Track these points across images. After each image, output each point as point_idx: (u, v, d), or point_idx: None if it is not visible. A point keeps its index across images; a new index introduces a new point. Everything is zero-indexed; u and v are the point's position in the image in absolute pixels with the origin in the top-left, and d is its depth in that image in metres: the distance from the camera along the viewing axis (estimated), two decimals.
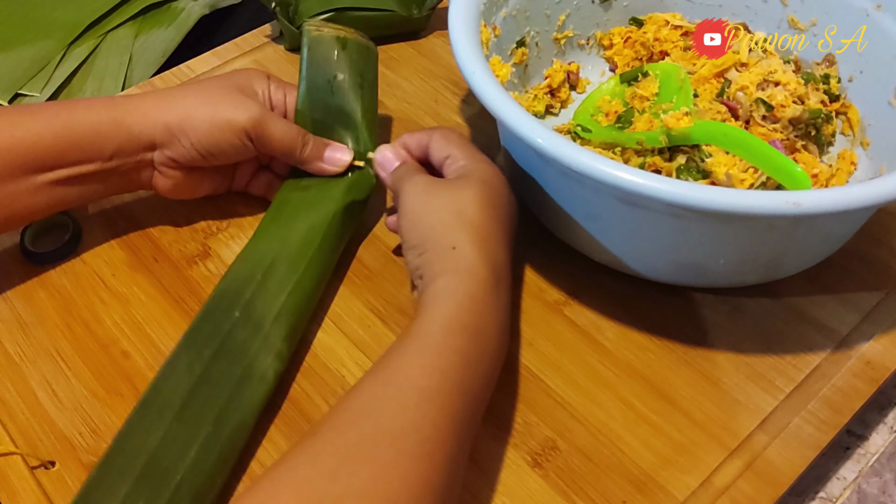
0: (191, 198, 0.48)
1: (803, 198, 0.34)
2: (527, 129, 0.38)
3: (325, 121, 0.48)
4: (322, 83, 0.48)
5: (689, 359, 0.42)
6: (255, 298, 0.41)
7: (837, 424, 0.39)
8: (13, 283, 0.46)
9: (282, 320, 0.40)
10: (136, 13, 0.66)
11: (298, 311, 0.42)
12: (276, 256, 0.43)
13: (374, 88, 0.50)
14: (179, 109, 0.43)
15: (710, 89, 0.49)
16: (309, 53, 0.48)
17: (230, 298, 0.41)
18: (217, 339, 0.39)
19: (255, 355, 0.39)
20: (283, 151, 0.45)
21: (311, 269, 0.43)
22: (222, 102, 0.44)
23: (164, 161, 0.44)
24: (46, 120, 0.42)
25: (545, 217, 0.46)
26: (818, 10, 0.51)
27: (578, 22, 0.55)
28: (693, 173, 0.45)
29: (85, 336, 0.44)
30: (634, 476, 0.38)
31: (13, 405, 0.41)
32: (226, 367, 0.38)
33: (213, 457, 0.36)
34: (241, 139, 0.44)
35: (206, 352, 0.39)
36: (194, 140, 0.43)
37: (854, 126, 0.50)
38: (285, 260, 0.43)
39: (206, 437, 0.36)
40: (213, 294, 0.42)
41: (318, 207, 0.45)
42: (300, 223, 0.44)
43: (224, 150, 0.44)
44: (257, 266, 0.42)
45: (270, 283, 0.41)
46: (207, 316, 0.40)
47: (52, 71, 0.60)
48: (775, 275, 0.44)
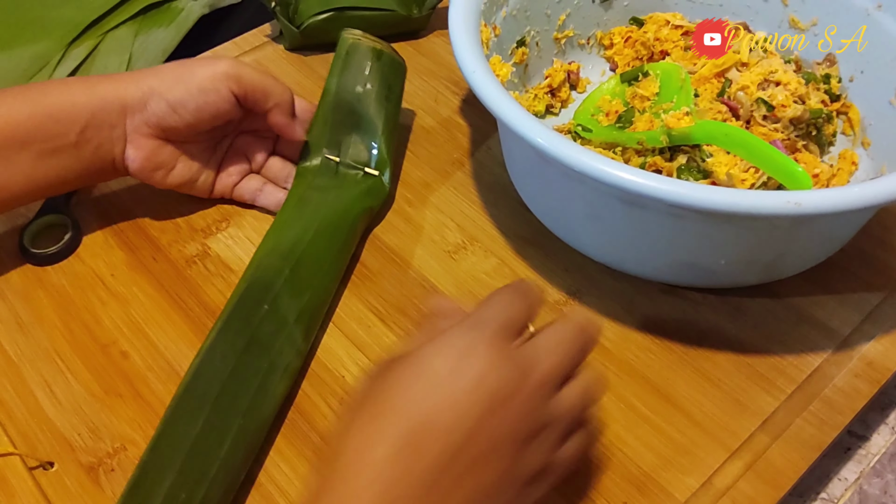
0: (164, 184, 0.46)
1: (804, 198, 0.34)
2: (527, 129, 0.38)
3: (344, 124, 0.48)
4: (351, 89, 0.49)
5: (689, 359, 0.42)
6: (282, 294, 0.41)
7: (839, 425, 0.39)
8: (12, 284, 0.46)
9: (304, 318, 0.41)
10: (136, 13, 0.65)
11: (317, 310, 0.42)
12: (302, 254, 0.43)
13: (398, 104, 0.51)
14: (151, 72, 0.44)
15: (711, 89, 0.49)
16: (343, 58, 0.49)
17: (260, 289, 0.41)
18: (248, 330, 0.39)
19: (279, 350, 0.39)
20: (263, 91, 0.45)
21: (331, 272, 0.44)
22: (195, 61, 0.45)
23: (137, 127, 0.43)
24: (21, 97, 0.42)
25: (545, 217, 0.46)
26: (819, 10, 0.51)
27: (579, 21, 0.55)
28: (694, 173, 0.45)
29: (84, 336, 0.44)
30: (635, 477, 0.38)
31: (12, 405, 0.41)
32: (254, 360, 0.39)
33: (241, 451, 0.36)
34: (216, 85, 0.43)
35: (239, 342, 0.39)
36: (170, 98, 0.43)
37: (855, 126, 0.50)
38: (310, 259, 0.43)
39: (238, 429, 0.36)
40: (243, 283, 0.42)
41: (340, 212, 0.46)
42: (323, 225, 0.45)
43: (198, 101, 0.43)
44: (285, 260, 0.43)
45: (297, 279, 0.42)
46: (241, 305, 0.41)
47: (52, 70, 0.60)
48: (776, 275, 0.43)
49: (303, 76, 0.59)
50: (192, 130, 0.45)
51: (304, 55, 0.61)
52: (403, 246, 0.48)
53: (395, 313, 0.44)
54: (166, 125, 0.44)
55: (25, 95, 0.42)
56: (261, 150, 0.49)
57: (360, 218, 0.46)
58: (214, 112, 0.44)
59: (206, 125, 0.45)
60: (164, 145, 0.45)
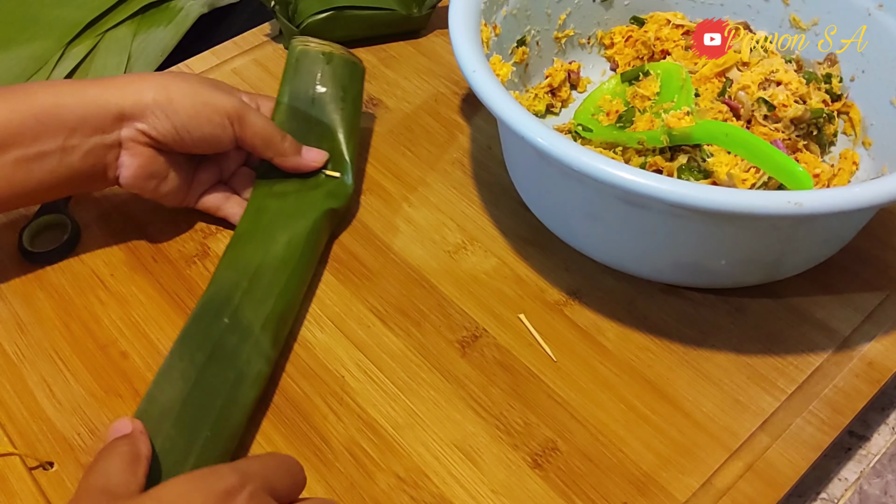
0: (153, 194, 0.45)
1: (805, 198, 0.34)
2: (527, 129, 0.37)
3: (301, 132, 0.48)
4: (303, 95, 0.49)
5: (689, 359, 0.42)
6: (242, 305, 0.41)
7: (839, 425, 0.39)
8: (11, 284, 0.46)
9: (269, 325, 0.41)
10: (135, 12, 0.65)
11: (284, 316, 0.42)
12: (260, 264, 0.43)
13: (357, 104, 0.51)
14: (156, 84, 0.42)
15: (712, 89, 0.49)
16: (293, 65, 0.50)
17: (218, 305, 0.41)
18: (209, 344, 0.39)
19: (246, 360, 0.39)
20: (264, 139, 0.45)
21: (295, 276, 0.43)
22: (204, 87, 0.43)
23: (134, 135, 0.42)
24: (4, 97, 0.40)
25: (546, 217, 0.46)
26: (820, 10, 0.51)
27: (579, 21, 0.55)
28: (694, 173, 0.45)
29: (83, 336, 0.44)
30: (635, 477, 0.38)
31: (11, 405, 0.41)
32: (220, 371, 0.38)
33: (213, 460, 0.36)
34: (223, 119, 0.43)
35: (199, 357, 0.38)
36: (171, 113, 0.42)
37: (856, 126, 0.50)
38: (270, 267, 0.43)
39: (205, 441, 0.36)
40: (200, 301, 0.41)
41: (299, 216, 0.45)
42: (281, 231, 0.44)
43: (202, 128, 0.43)
44: (243, 273, 0.42)
45: (256, 290, 0.42)
46: (197, 322, 0.40)
47: (51, 70, 0.60)
48: (777, 275, 0.43)
49: None
50: (185, 151, 0.44)
51: None
52: (403, 246, 0.48)
53: (395, 313, 0.44)
54: (165, 141, 0.43)
55: (10, 96, 0.40)
56: (235, 163, 0.48)
57: (322, 220, 0.46)
58: (215, 144, 0.44)
59: (200, 151, 0.45)
60: (158, 155, 0.44)
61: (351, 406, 0.41)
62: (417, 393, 0.41)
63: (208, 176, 0.47)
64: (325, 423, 0.40)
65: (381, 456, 0.39)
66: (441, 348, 0.43)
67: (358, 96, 0.51)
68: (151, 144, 0.43)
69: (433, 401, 0.41)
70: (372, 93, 0.57)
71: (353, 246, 0.48)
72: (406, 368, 0.42)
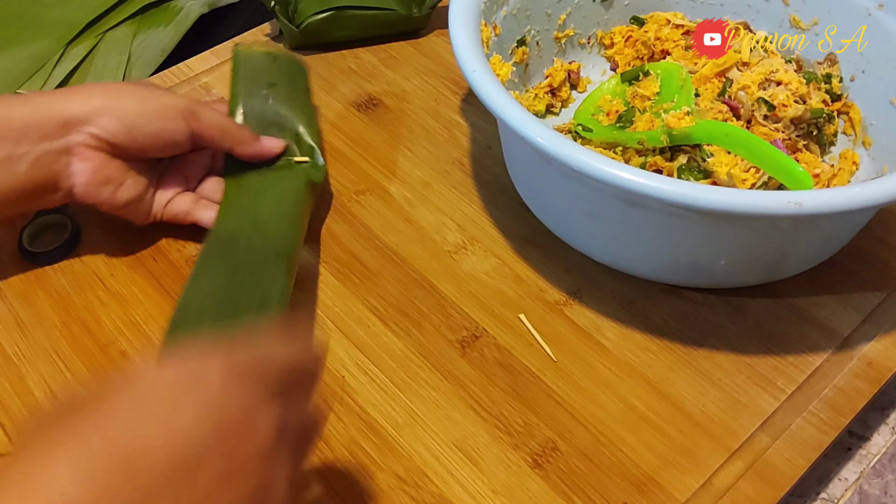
0: (111, 202, 0.43)
1: (805, 198, 0.34)
2: (527, 129, 0.37)
3: (260, 128, 0.48)
4: (256, 92, 0.49)
5: (690, 359, 0.42)
6: (252, 240, 0.42)
7: (839, 425, 0.39)
8: (11, 283, 0.46)
9: (282, 256, 0.42)
10: (135, 12, 0.65)
11: (291, 254, 0.43)
12: (256, 215, 0.44)
13: (308, 95, 0.51)
14: (103, 90, 0.42)
15: (712, 88, 0.49)
16: (240, 68, 0.50)
17: (229, 240, 0.42)
18: (229, 265, 0.40)
19: (267, 285, 0.40)
20: (220, 129, 0.44)
21: (294, 222, 0.44)
22: (152, 88, 0.43)
23: (84, 140, 0.41)
24: None
25: (546, 217, 0.46)
26: (820, 10, 0.51)
27: (579, 21, 0.55)
28: (694, 173, 0.45)
29: (83, 336, 0.43)
30: (635, 477, 0.38)
31: (11, 405, 0.41)
32: (246, 286, 0.40)
33: None
34: (175, 115, 0.42)
35: (221, 275, 0.40)
36: (120, 114, 0.41)
37: (856, 126, 0.50)
38: (269, 215, 0.44)
39: None
40: (208, 241, 0.42)
41: (283, 182, 0.46)
42: (268, 195, 0.45)
43: (155, 127, 0.42)
44: (244, 218, 0.43)
45: (262, 229, 0.43)
46: (212, 248, 0.41)
47: (51, 70, 0.60)
48: (777, 275, 0.43)
49: None
50: (140, 154, 0.43)
51: (304, 54, 0.61)
52: (403, 246, 0.48)
53: (395, 313, 0.44)
54: (116, 143, 0.41)
55: None
56: (199, 168, 0.47)
57: (306, 189, 0.46)
58: (170, 141, 0.43)
59: (156, 152, 0.44)
60: (111, 159, 0.42)
61: (351, 406, 0.41)
62: (417, 393, 0.41)
63: (173, 184, 0.46)
64: (325, 424, 0.40)
65: (381, 456, 0.39)
66: (441, 348, 0.43)
67: (307, 90, 0.52)
68: (103, 148, 0.41)
69: (433, 401, 0.41)
70: (372, 93, 0.57)
71: (353, 246, 0.48)
72: (406, 368, 0.42)
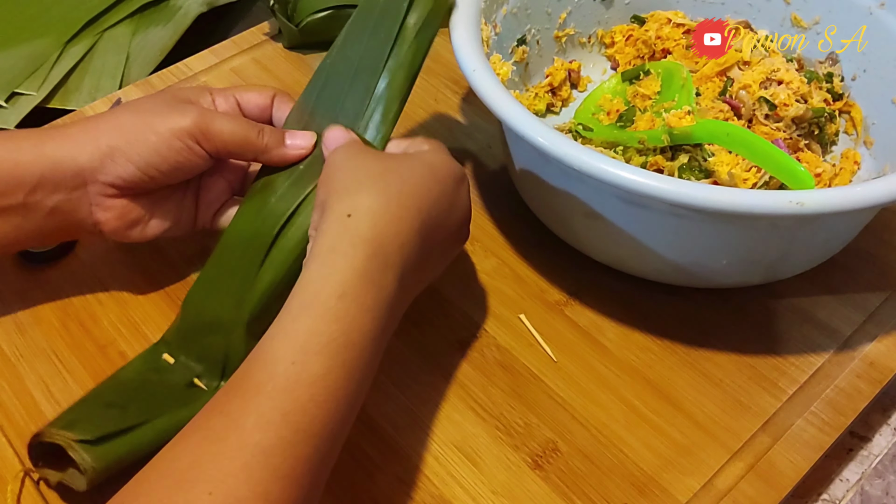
0: (144, 239, 0.41)
1: (806, 197, 0.34)
2: (528, 128, 0.37)
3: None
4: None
5: (690, 360, 0.42)
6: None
7: (840, 426, 0.39)
8: (10, 284, 0.46)
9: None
10: (134, 11, 0.65)
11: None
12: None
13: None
14: (109, 128, 0.39)
15: (713, 88, 0.49)
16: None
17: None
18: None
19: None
20: (239, 144, 0.40)
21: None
22: (157, 112, 0.39)
23: (101, 190, 0.39)
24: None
25: (546, 216, 0.45)
26: (821, 9, 0.51)
27: (580, 20, 0.55)
28: (695, 172, 0.45)
29: (82, 336, 0.43)
30: (636, 478, 0.38)
31: (9, 405, 0.41)
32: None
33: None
34: (185, 142, 0.39)
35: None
36: (132, 155, 0.38)
37: (857, 125, 0.50)
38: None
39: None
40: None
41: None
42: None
43: (168, 160, 0.39)
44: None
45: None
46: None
47: (49, 69, 0.60)
48: (778, 275, 0.43)
49: (301, 75, 0.59)
50: (161, 186, 0.40)
51: (303, 54, 0.60)
52: None
53: None
54: (134, 186, 0.39)
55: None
56: (238, 169, 0.44)
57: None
58: (189, 169, 0.40)
59: (178, 180, 0.41)
60: (132, 202, 0.40)
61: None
62: (417, 393, 0.41)
63: (216, 193, 0.43)
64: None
65: (380, 456, 0.39)
66: (441, 348, 0.43)
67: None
68: (122, 194, 0.40)
69: (433, 401, 0.40)
70: None
71: None
72: (406, 368, 0.42)
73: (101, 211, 0.40)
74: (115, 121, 0.39)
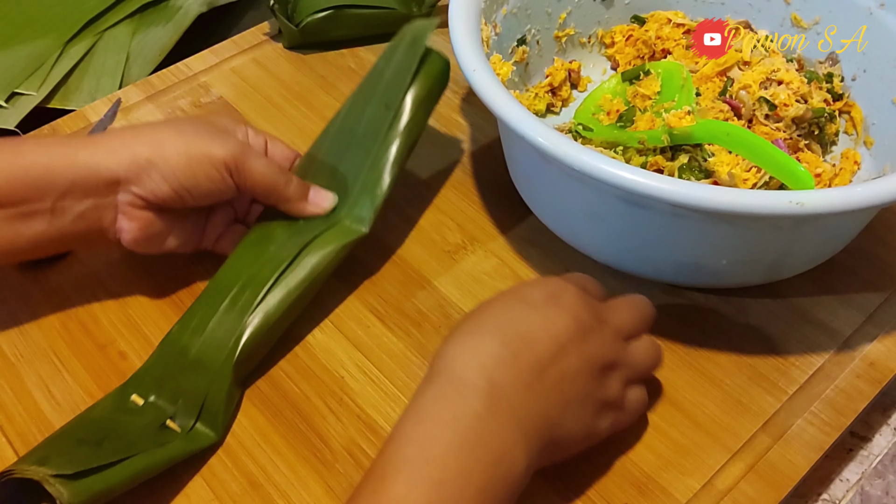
0: (156, 251, 0.43)
1: (806, 198, 0.34)
2: (528, 129, 0.37)
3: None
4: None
5: (690, 360, 0.42)
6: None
7: (840, 426, 0.39)
8: (10, 284, 0.46)
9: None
10: (134, 11, 0.65)
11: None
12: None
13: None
14: (149, 141, 0.40)
15: (713, 88, 0.49)
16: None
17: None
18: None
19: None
20: (267, 186, 0.41)
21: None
22: (198, 136, 0.40)
23: (131, 200, 0.40)
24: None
25: (546, 217, 0.45)
26: (821, 9, 0.51)
27: (580, 20, 0.55)
28: (695, 173, 0.45)
29: (82, 337, 0.43)
30: (636, 478, 0.38)
31: (10, 406, 0.41)
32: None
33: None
34: (221, 172, 0.40)
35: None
36: (167, 173, 0.39)
37: (857, 125, 0.50)
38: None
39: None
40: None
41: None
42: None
43: (200, 185, 0.40)
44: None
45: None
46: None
47: (50, 69, 0.60)
48: (778, 275, 0.43)
49: (301, 75, 0.59)
50: (187, 207, 0.42)
51: (303, 54, 0.60)
52: (403, 246, 0.47)
53: (394, 313, 0.44)
54: (163, 201, 0.40)
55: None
56: (248, 199, 0.46)
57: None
58: (217, 196, 0.42)
59: (203, 205, 0.42)
60: (158, 215, 0.41)
61: (350, 407, 0.40)
62: None
63: (222, 219, 0.45)
64: (324, 424, 0.40)
65: None
66: None
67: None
68: (150, 207, 0.40)
69: None
70: None
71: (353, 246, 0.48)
72: (406, 369, 0.42)
73: (127, 220, 0.40)
74: (155, 136, 0.40)
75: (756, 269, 0.42)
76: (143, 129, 0.41)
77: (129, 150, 0.39)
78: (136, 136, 0.40)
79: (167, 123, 0.41)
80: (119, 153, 0.39)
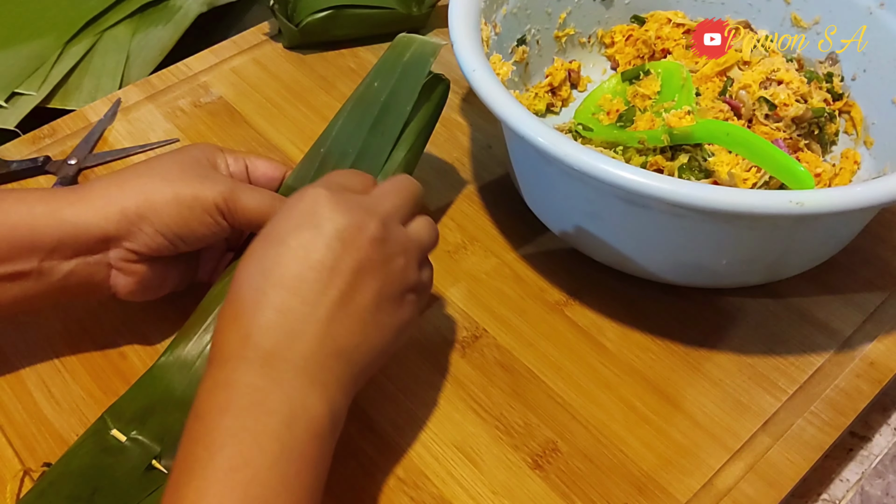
0: (155, 297, 0.42)
1: (806, 197, 0.34)
2: (528, 129, 0.37)
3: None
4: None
5: (690, 360, 0.42)
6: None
7: (840, 426, 0.39)
8: None
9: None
10: (134, 11, 0.65)
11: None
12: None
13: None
14: (135, 193, 0.38)
15: (713, 88, 0.49)
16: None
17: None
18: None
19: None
20: (261, 220, 0.39)
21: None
22: (184, 179, 0.39)
23: (124, 256, 0.39)
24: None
25: (546, 216, 0.45)
26: (821, 8, 0.51)
27: (580, 20, 0.55)
28: (695, 172, 0.45)
29: (82, 337, 0.43)
30: (636, 478, 0.38)
31: (10, 406, 0.41)
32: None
33: None
34: (214, 217, 0.38)
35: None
36: (159, 224, 0.38)
37: (857, 125, 0.50)
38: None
39: None
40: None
41: None
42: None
43: (195, 231, 0.39)
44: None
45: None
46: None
47: (49, 69, 0.60)
48: (778, 275, 0.43)
49: (301, 75, 0.59)
50: (182, 252, 0.40)
51: (303, 54, 0.61)
52: None
53: None
54: (157, 251, 0.39)
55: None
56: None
57: None
58: (212, 239, 0.40)
59: (199, 247, 0.41)
60: (152, 267, 0.40)
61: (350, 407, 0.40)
62: (417, 393, 0.41)
63: (214, 252, 0.44)
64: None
65: (380, 456, 0.39)
66: (441, 348, 0.43)
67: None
68: (143, 260, 0.39)
69: (433, 401, 0.40)
70: None
71: None
72: (406, 368, 0.42)
73: (123, 276, 0.39)
74: (141, 187, 0.38)
75: (756, 268, 0.42)
76: (127, 179, 0.39)
77: (118, 205, 0.38)
78: (122, 188, 0.38)
79: (150, 168, 0.39)
80: (102, 209, 0.38)
